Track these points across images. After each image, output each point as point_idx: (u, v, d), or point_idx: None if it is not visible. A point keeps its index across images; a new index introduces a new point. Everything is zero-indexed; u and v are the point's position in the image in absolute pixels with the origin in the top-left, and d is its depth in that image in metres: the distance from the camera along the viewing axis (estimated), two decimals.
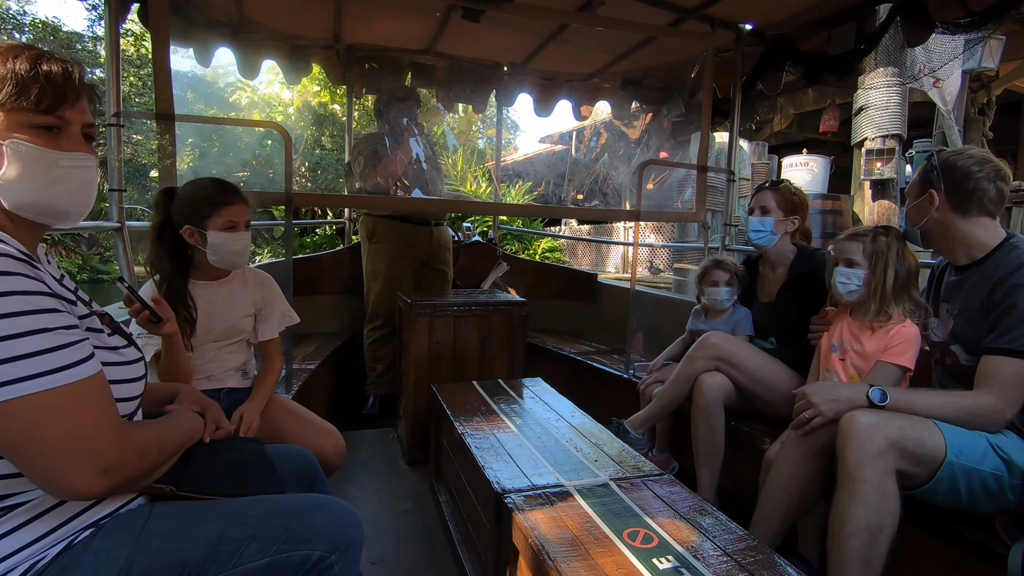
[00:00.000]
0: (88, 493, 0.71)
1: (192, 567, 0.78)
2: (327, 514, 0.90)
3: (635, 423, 2.00)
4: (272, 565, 0.83)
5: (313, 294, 3.27)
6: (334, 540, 0.88)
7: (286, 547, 0.84)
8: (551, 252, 9.89)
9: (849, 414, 1.31)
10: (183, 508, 0.84)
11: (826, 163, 7.13)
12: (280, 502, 0.90)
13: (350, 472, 2.29)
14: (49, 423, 0.67)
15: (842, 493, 1.26)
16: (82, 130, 0.80)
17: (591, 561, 0.97)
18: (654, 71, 3.46)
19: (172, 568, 0.77)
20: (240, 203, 1.56)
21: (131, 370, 0.84)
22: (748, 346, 1.93)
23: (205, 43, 2.82)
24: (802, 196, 2.01)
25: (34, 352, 0.67)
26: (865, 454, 1.24)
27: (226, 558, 0.80)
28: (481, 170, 10.56)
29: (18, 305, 0.66)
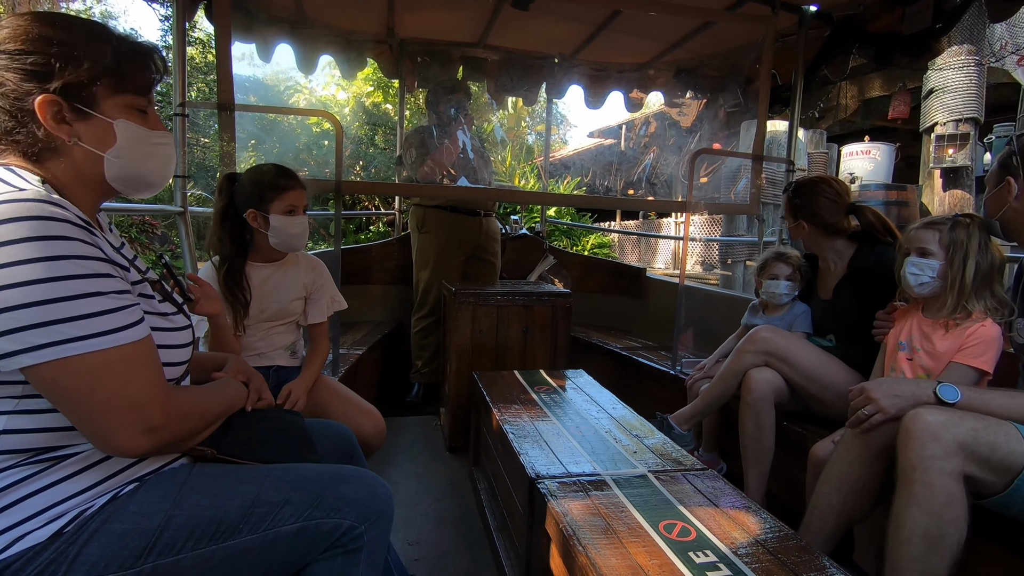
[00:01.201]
0: (132, 451, 0.75)
1: (227, 525, 0.81)
2: (358, 485, 0.91)
3: (680, 419, 1.94)
4: (303, 530, 0.85)
5: (362, 283, 3.35)
6: (364, 512, 0.89)
7: (317, 514, 0.86)
8: (600, 248, 9.76)
9: (914, 411, 1.20)
10: (221, 469, 0.87)
11: (890, 151, 6.67)
12: (314, 470, 0.92)
13: (392, 457, 2.34)
14: (99, 382, 0.71)
15: (900, 495, 1.17)
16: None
17: (623, 550, 0.94)
18: (709, 59, 3.34)
19: (208, 525, 0.80)
20: (300, 188, 1.62)
21: (179, 336, 0.87)
22: (802, 341, 1.82)
23: (266, 38, 2.94)
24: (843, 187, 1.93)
25: (87, 314, 0.70)
26: (928, 455, 1.14)
27: (259, 520, 0.83)
28: (529, 166, 10.56)
29: (74, 268, 0.69)
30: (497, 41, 3.38)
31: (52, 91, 0.75)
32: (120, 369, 0.72)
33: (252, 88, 13.08)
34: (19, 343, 0.67)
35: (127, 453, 0.76)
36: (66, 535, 0.73)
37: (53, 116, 0.76)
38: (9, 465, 0.72)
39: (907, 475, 1.16)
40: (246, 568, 0.82)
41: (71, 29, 0.77)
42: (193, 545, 0.78)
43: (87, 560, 0.73)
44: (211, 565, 0.79)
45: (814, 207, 1.87)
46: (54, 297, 0.68)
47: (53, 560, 0.72)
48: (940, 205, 5.63)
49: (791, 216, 1.94)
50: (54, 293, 0.68)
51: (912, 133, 7.00)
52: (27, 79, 0.74)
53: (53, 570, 0.71)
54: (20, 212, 0.67)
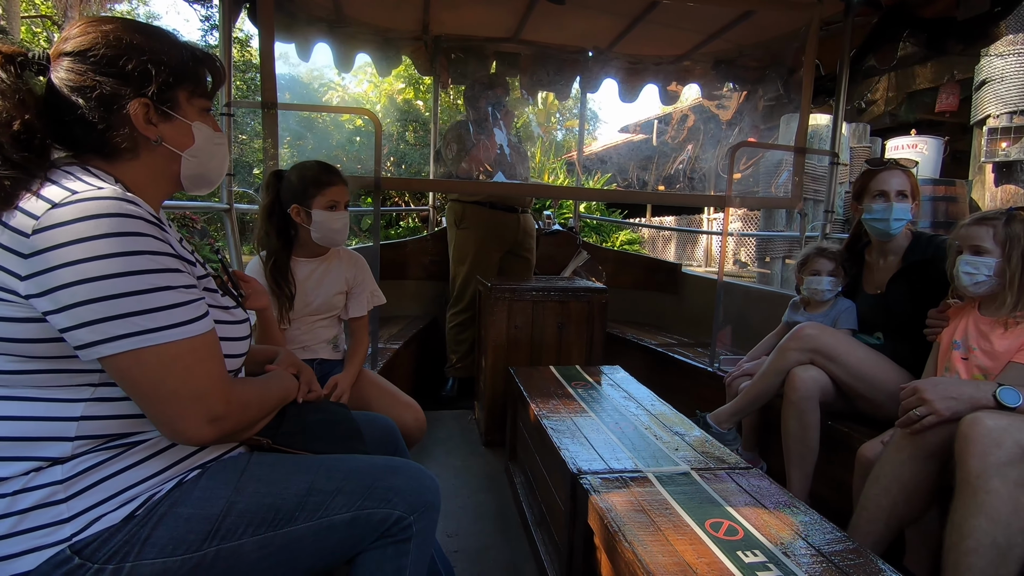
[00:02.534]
0: (197, 439, 0.78)
1: (284, 512, 0.83)
2: (407, 476, 0.93)
3: (720, 417, 1.91)
4: (356, 520, 0.87)
5: (398, 278, 3.40)
6: (413, 503, 0.91)
7: (368, 504, 0.88)
8: (630, 244, 9.65)
9: (972, 415, 1.16)
10: (277, 459, 0.90)
11: (939, 145, 6.38)
12: (364, 461, 0.95)
13: (429, 450, 2.37)
14: (168, 373, 0.74)
15: (961, 503, 1.13)
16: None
17: (670, 548, 0.93)
18: (750, 49, 3.26)
19: (267, 512, 0.82)
20: (341, 184, 1.66)
21: (238, 329, 0.91)
22: (849, 339, 1.77)
23: (306, 38, 3.00)
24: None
25: (160, 307, 0.73)
26: (991, 461, 1.09)
27: (314, 508, 0.85)
28: (559, 161, 10.50)
29: (148, 263, 0.73)
30: (531, 36, 3.37)
31: (147, 95, 0.81)
32: (187, 361, 0.75)
33: (287, 86, 13.37)
34: (98, 334, 0.70)
35: (191, 441, 0.79)
36: (137, 518, 0.77)
37: (144, 118, 0.82)
38: (86, 450, 0.76)
39: (969, 483, 1.11)
40: (302, 554, 0.85)
41: (156, 36, 0.83)
42: (253, 531, 0.81)
43: (157, 542, 0.76)
44: (270, 551, 0.82)
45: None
46: (130, 291, 0.71)
47: (126, 541, 0.75)
48: (992, 200, 5.35)
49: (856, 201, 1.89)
50: (131, 287, 0.71)
51: (961, 126, 6.67)
52: (124, 84, 0.80)
53: (126, 551, 0.75)
54: (100, 209, 0.71)
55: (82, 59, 0.78)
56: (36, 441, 0.74)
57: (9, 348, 0.72)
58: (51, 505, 0.73)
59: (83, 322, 0.70)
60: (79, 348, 0.71)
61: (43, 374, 0.74)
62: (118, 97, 0.79)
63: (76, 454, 0.75)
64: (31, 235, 0.69)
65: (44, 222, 0.70)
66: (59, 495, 0.74)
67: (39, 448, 0.74)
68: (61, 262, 0.69)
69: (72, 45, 0.79)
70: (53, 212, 0.70)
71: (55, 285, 0.69)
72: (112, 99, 0.79)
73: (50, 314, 0.70)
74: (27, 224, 0.70)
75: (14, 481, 0.73)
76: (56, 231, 0.69)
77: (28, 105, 0.75)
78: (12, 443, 0.73)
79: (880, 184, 1.78)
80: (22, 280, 0.70)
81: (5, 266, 0.70)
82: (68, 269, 0.69)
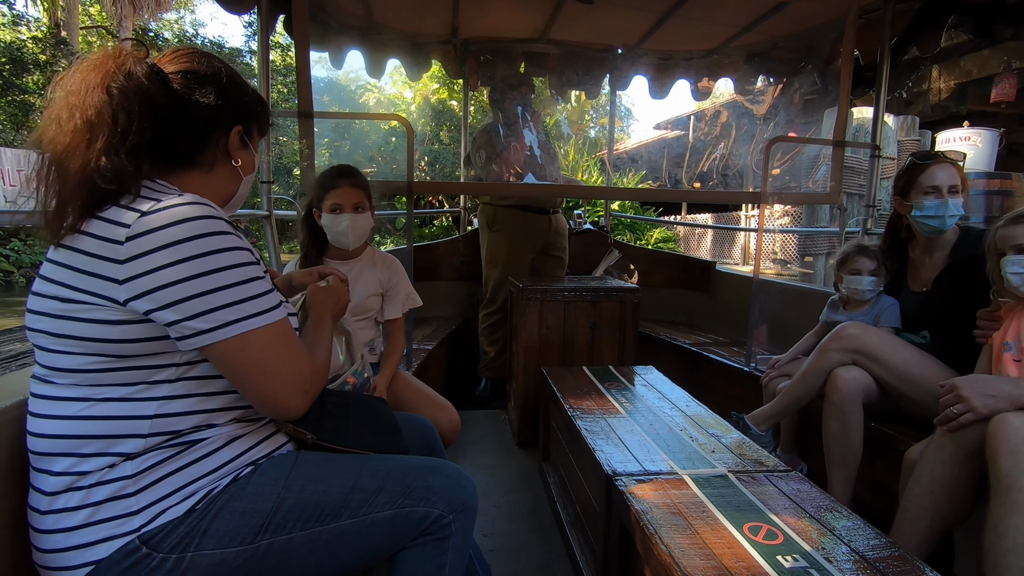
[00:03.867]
0: (294, 410, 0.86)
1: (330, 509, 0.87)
2: (445, 477, 0.96)
3: (757, 419, 1.87)
4: (397, 517, 0.91)
5: (431, 280, 3.44)
6: (452, 502, 0.94)
7: (409, 502, 0.91)
8: (664, 243, 9.52)
9: (1001, 416, 1.14)
10: (324, 457, 0.95)
11: (993, 137, 6.10)
12: (404, 461, 0.98)
13: (463, 450, 2.40)
14: (268, 353, 0.82)
15: (997, 503, 1.10)
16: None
17: (708, 551, 0.93)
18: (784, 40, 3.17)
19: (314, 508, 0.87)
20: (346, 186, 1.69)
21: (293, 320, 0.97)
22: (894, 338, 1.71)
23: (339, 46, 3.07)
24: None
25: (254, 295, 0.82)
26: (1021, 460, 1.08)
27: (358, 505, 0.89)
28: (593, 159, 10.44)
29: (238, 258, 0.81)
30: (559, 35, 3.36)
31: (244, 125, 0.94)
32: (279, 341, 0.84)
33: (326, 89, 13.70)
34: (211, 322, 0.78)
35: (291, 412, 0.87)
36: (198, 511, 0.82)
37: (237, 143, 0.94)
38: (154, 446, 0.81)
39: (1003, 481, 1.10)
40: (347, 550, 0.89)
41: (241, 79, 0.96)
42: (302, 525, 0.86)
43: (215, 534, 0.81)
44: (317, 545, 0.86)
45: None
46: (230, 283, 0.79)
47: (188, 533, 0.80)
48: None
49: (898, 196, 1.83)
50: (229, 279, 0.79)
51: (1018, 117, 6.35)
52: (233, 111, 0.92)
53: (187, 542, 0.80)
54: (188, 214, 0.78)
55: (205, 81, 0.88)
56: (116, 438, 0.80)
57: (101, 348, 0.78)
58: (122, 498, 0.79)
59: (192, 315, 0.77)
60: (183, 339, 0.78)
61: (127, 371, 0.80)
62: (225, 121, 0.91)
63: (146, 450, 0.81)
64: (125, 242, 0.75)
65: (136, 229, 0.76)
66: (129, 489, 0.79)
67: (117, 445, 0.80)
68: (162, 263, 0.75)
69: (192, 67, 0.88)
70: (143, 219, 0.76)
71: (157, 285, 0.75)
72: (219, 121, 0.90)
73: (153, 312, 0.76)
74: (119, 233, 0.76)
75: (92, 475, 0.79)
76: (151, 236, 0.75)
77: (154, 116, 0.82)
78: (96, 440, 0.79)
79: (930, 179, 1.72)
80: (120, 284, 0.76)
81: (101, 273, 0.76)
82: (169, 269, 0.75)
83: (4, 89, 12.34)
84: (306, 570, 0.87)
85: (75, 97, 0.78)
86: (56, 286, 0.78)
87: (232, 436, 0.88)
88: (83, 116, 0.77)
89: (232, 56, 16.76)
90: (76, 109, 0.77)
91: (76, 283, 0.77)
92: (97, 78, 0.79)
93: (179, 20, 17.35)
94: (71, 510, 0.78)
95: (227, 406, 0.87)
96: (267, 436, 0.93)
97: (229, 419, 0.88)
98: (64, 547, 0.78)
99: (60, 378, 0.80)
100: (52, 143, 0.78)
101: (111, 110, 0.78)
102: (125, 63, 0.81)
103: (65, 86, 0.80)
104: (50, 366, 0.80)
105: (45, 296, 0.79)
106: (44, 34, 13.47)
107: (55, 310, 0.78)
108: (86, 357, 0.78)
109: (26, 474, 0.84)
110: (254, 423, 0.92)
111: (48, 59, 12.80)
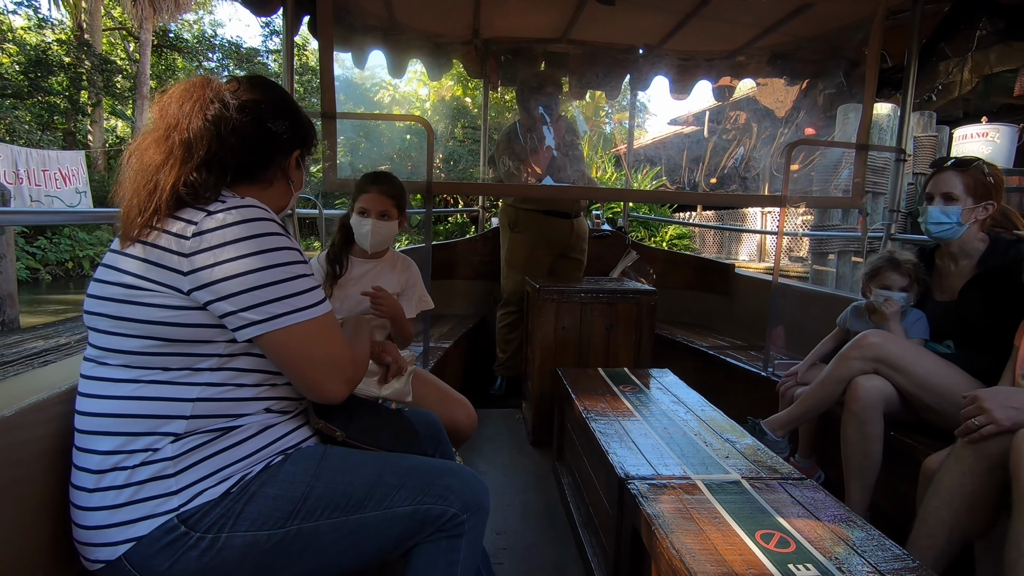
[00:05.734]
0: (337, 397, 0.93)
1: (355, 499, 0.93)
2: (460, 478, 1.01)
3: (774, 424, 1.86)
4: (416, 513, 0.95)
5: (448, 278, 3.47)
6: (466, 502, 0.99)
7: (427, 500, 0.96)
8: (679, 239, 9.44)
9: (1023, 430, 1.11)
10: (350, 452, 1.00)
11: (1012, 132, 5.91)
12: (424, 461, 1.04)
13: (478, 447, 2.42)
14: (315, 344, 0.89)
15: (1019, 519, 1.08)
16: None
17: (719, 557, 0.94)
18: (808, 42, 3.12)
19: (340, 497, 0.92)
20: (375, 192, 1.76)
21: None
22: (917, 348, 1.68)
23: (361, 47, 3.11)
24: (997, 175, 1.70)
25: (305, 289, 0.89)
26: None
27: (380, 498, 0.94)
28: (607, 156, 10.39)
29: (289, 256, 0.88)
30: (580, 35, 3.35)
31: (302, 148, 1.04)
32: (325, 333, 0.91)
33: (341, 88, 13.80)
34: (262, 314, 0.85)
35: (334, 399, 0.94)
36: (232, 494, 0.88)
37: (295, 163, 1.04)
38: (194, 430, 0.87)
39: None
40: (368, 540, 0.94)
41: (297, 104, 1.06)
42: (329, 514, 0.91)
43: (248, 517, 0.87)
44: (341, 534, 0.92)
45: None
46: (283, 278, 0.86)
47: (223, 514, 0.86)
48: None
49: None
50: (282, 275, 0.86)
51: None
52: (295, 134, 1.01)
53: (223, 523, 0.85)
54: (247, 215, 0.86)
55: (279, 111, 0.98)
56: (160, 419, 0.85)
57: (157, 332, 0.85)
58: (163, 479, 0.85)
59: (246, 306, 0.84)
60: (238, 329, 0.85)
61: (175, 357, 0.86)
62: (288, 144, 1.00)
63: (188, 432, 0.86)
64: (191, 237, 0.83)
65: (202, 227, 0.84)
66: (169, 470, 0.85)
67: (162, 425, 0.85)
68: (221, 259, 0.83)
69: (270, 97, 0.98)
70: (208, 219, 0.85)
71: (216, 279, 0.83)
72: (283, 146, 1.00)
73: (212, 303, 0.84)
74: (187, 229, 0.84)
75: (138, 455, 0.85)
76: (214, 234, 0.84)
77: (241, 142, 0.92)
78: (143, 420, 0.85)
79: (930, 187, 1.73)
80: (185, 275, 0.83)
81: (169, 265, 0.84)
82: (227, 264, 0.83)
83: (31, 91, 12.66)
84: (329, 557, 0.92)
85: (172, 119, 0.89)
86: (124, 275, 0.86)
87: (264, 425, 0.93)
88: (180, 137, 0.88)
89: (249, 56, 16.97)
90: (173, 130, 0.88)
91: (145, 273, 0.84)
92: (193, 105, 0.89)
93: (198, 21, 17.64)
94: (117, 488, 0.84)
95: (260, 396, 0.93)
96: (295, 428, 0.99)
97: (262, 408, 0.93)
98: (108, 524, 0.84)
99: (112, 359, 0.87)
100: (149, 158, 0.88)
101: (207, 135, 0.89)
102: (220, 93, 0.92)
103: (161, 109, 0.91)
104: (105, 347, 0.87)
105: (109, 283, 0.87)
106: (68, 36, 13.80)
107: (119, 295, 0.85)
108: (141, 340, 0.85)
109: (65, 461, 0.89)
110: (284, 415, 0.97)
111: (72, 61, 13.10)
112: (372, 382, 1.41)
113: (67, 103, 13.31)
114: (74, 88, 13.25)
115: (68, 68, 13.09)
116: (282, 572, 0.89)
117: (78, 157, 11.08)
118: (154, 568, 0.83)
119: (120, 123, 16.79)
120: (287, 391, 0.97)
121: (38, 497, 0.89)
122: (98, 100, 13.68)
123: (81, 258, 11.06)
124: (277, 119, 0.97)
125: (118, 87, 14.51)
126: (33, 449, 0.89)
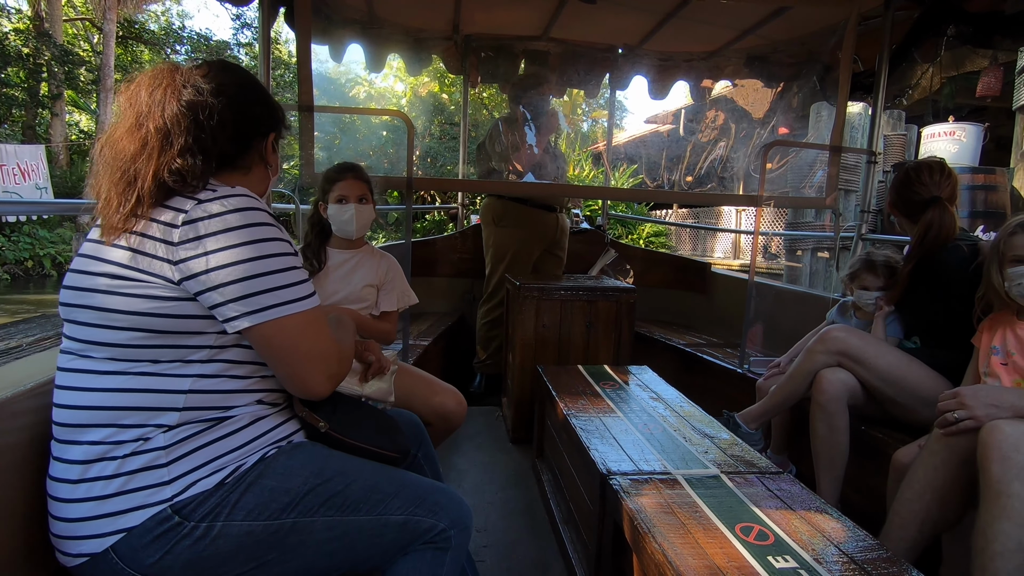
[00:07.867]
0: (321, 393, 0.92)
1: (352, 502, 0.93)
2: (450, 497, 1.04)
3: (748, 417, 1.90)
4: (407, 523, 0.97)
5: (427, 275, 3.45)
6: (454, 519, 1.01)
7: (419, 512, 0.98)
8: (656, 236, 9.55)
9: (992, 423, 1.17)
10: (349, 457, 1.01)
11: (978, 132, 6.13)
12: (416, 478, 1.05)
13: (457, 445, 2.41)
14: (302, 338, 0.88)
15: (985, 509, 1.13)
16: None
17: (700, 550, 0.95)
18: (784, 45, 3.19)
19: (337, 497, 0.92)
20: (351, 179, 1.77)
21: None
22: (877, 342, 1.74)
23: (340, 40, 3.06)
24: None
25: (293, 283, 0.87)
26: (1011, 466, 1.10)
27: (375, 504, 0.95)
28: (584, 153, 10.45)
29: (279, 248, 0.87)
30: (560, 34, 3.36)
31: (277, 131, 1.02)
32: (312, 327, 0.90)
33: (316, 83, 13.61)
34: (249, 307, 0.83)
35: (317, 394, 0.92)
36: (227, 485, 0.87)
37: (271, 147, 1.02)
38: (187, 420, 0.85)
39: (992, 487, 1.12)
40: (360, 543, 0.94)
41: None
42: (324, 511, 0.91)
43: (244, 507, 0.86)
44: (335, 534, 0.92)
45: (895, 192, 1.81)
46: (271, 270, 0.85)
47: (219, 504, 0.85)
48: None
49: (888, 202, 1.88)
50: (271, 267, 0.85)
51: (1005, 112, 6.40)
52: (270, 118, 1.00)
53: (218, 512, 0.85)
54: (238, 204, 0.85)
55: (253, 92, 0.97)
56: (152, 411, 0.83)
57: (145, 323, 0.83)
58: (155, 468, 0.83)
59: (234, 298, 0.82)
60: (227, 320, 0.84)
61: (164, 349, 0.85)
62: (264, 127, 0.99)
63: (181, 423, 0.85)
64: (180, 226, 0.82)
65: (192, 215, 0.82)
66: (161, 460, 0.83)
67: (154, 417, 0.84)
68: (210, 248, 0.81)
69: (242, 80, 0.96)
70: (198, 207, 0.83)
71: (205, 268, 0.81)
72: (260, 127, 0.98)
73: (201, 293, 0.82)
74: (177, 218, 0.83)
75: (127, 445, 0.83)
76: (203, 223, 0.82)
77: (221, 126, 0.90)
78: (132, 412, 0.83)
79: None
80: (175, 264, 0.82)
81: (157, 254, 0.82)
82: (217, 254, 0.81)
83: None
84: (320, 556, 0.92)
85: (143, 107, 0.86)
86: (109, 265, 0.83)
87: (256, 416, 0.93)
88: (155, 124, 0.85)
89: (219, 49, 16.51)
90: (146, 118, 0.85)
91: (133, 263, 0.82)
92: (164, 92, 0.86)
93: (166, 12, 17.07)
94: (105, 478, 0.82)
95: (252, 388, 0.92)
96: (285, 420, 0.98)
97: (253, 400, 0.93)
98: (94, 515, 0.82)
99: (97, 351, 0.85)
100: (122, 147, 0.85)
101: (184, 120, 0.86)
102: (191, 78, 0.89)
103: (129, 98, 0.87)
104: (86, 340, 0.85)
105: (92, 274, 0.84)
106: (27, 26, 13.25)
107: (104, 286, 0.83)
108: (128, 332, 0.83)
109: (36, 459, 0.87)
110: (274, 407, 0.97)
111: (31, 51, 12.58)
112: (355, 380, 1.39)
113: (26, 95, 12.79)
114: (33, 80, 12.72)
115: (26, 59, 12.56)
116: (273, 566, 0.89)
117: (38, 151, 10.57)
118: (143, 559, 0.81)
119: (84, 117, 16.19)
120: (277, 383, 0.96)
121: (9, 494, 0.86)
122: (59, 92, 13.14)
123: (42, 256, 10.66)
124: (253, 102, 0.96)
125: (81, 79, 14.00)
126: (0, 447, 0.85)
